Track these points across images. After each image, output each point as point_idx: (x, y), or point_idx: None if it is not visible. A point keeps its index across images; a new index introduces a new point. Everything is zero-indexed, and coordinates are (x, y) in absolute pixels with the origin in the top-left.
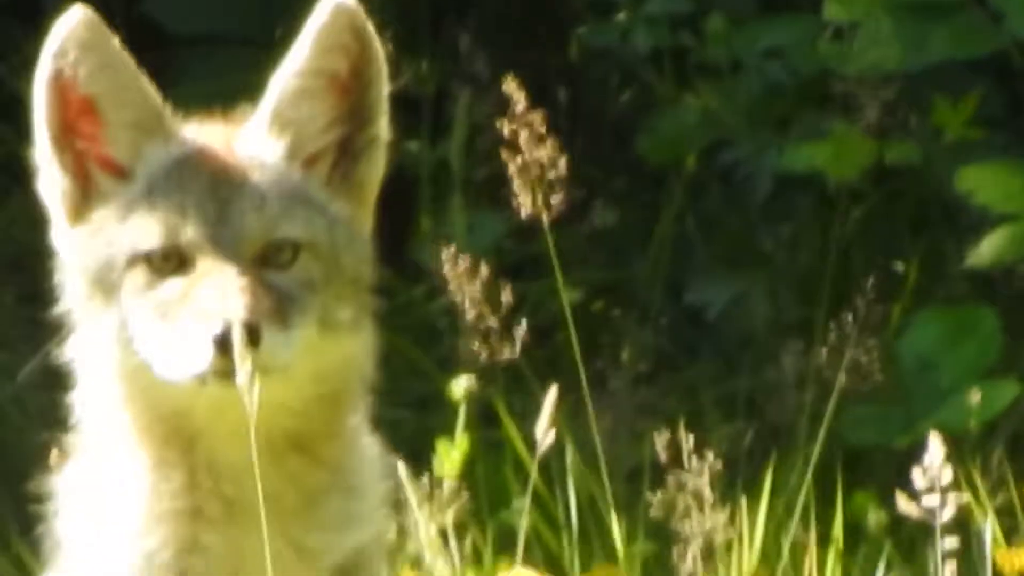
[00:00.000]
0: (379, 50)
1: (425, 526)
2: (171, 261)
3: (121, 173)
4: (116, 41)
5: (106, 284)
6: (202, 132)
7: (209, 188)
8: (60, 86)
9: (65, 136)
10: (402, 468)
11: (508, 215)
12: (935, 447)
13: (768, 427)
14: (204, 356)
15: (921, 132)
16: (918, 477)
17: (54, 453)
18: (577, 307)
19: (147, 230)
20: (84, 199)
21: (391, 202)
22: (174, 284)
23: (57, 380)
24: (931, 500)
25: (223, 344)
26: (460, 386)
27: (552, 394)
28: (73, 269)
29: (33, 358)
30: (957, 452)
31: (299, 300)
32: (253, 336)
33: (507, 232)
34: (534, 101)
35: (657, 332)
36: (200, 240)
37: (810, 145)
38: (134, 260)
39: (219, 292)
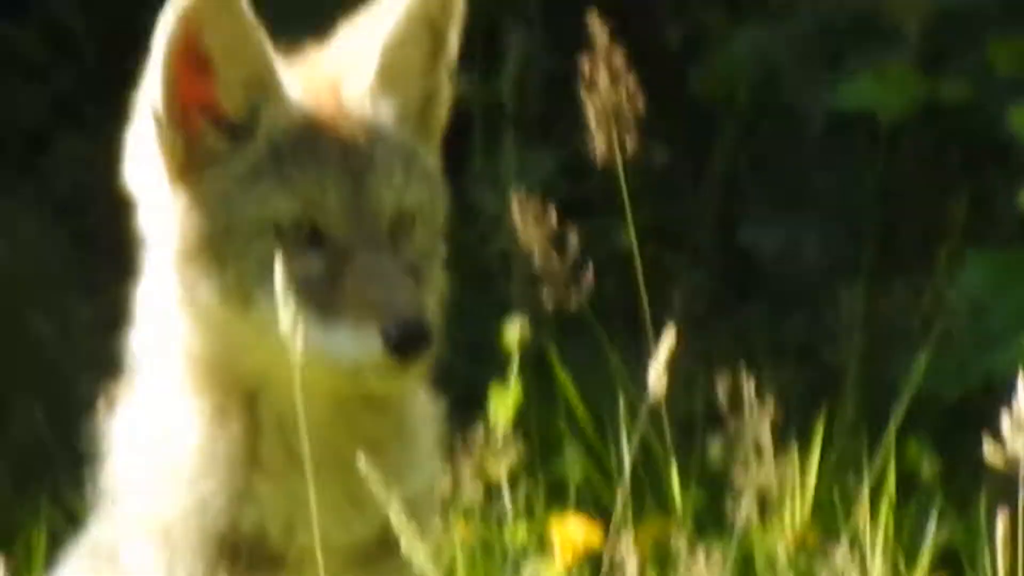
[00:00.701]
0: None
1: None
2: (303, 232)
3: (235, 132)
4: None
5: (220, 247)
6: (308, 88)
7: (341, 159)
8: (184, 37)
9: (180, 89)
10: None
11: (561, 153)
12: (1022, 387)
13: (821, 371)
14: (371, 349)
15: (973, 69)
16: (1005, 421)
17: (104, 399)
18: (627, 251)
19: (280, 200)
20: (190, 157)
21: (445, 141)
22: (314, 260)
23: (109, 325)
24: (1019, 443)
25: (396, 341)
26: (513, 333)
27: (669, 335)
28: (171, 225)
29: (85, 301)
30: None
31: (423, 274)
32: (428, 336)
33: (558, 170)
34: (580, 36)
35: (709, 274)
36: (339, 215)
37: (862, 81)
38: (262, 228)
39: (381, 283)
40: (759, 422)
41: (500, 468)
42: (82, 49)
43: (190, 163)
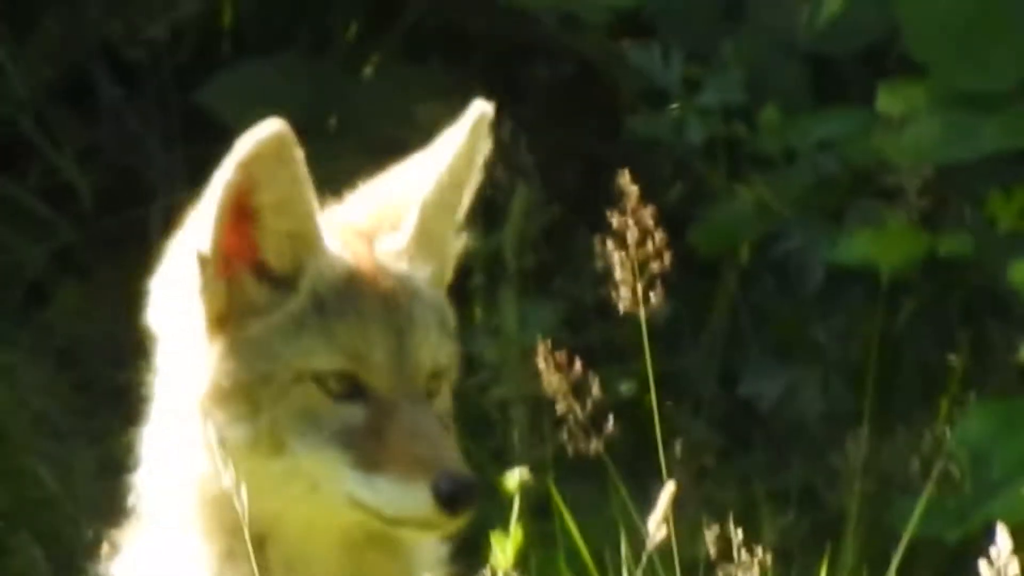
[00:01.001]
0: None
1: None
2: (344, 384)
3: (278, 283)
4: (300, 154)
5: (256, 393)
6: (344, 241)
7: (384, 314)
8: (241, 187)
9: (227, 237)
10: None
11: (560, 304)
12: (1003, 538)
13: (822, 518)
14: (422, 504)
15: (974, 224)
16: (984, 569)
17: (106, 544)
18: (629, 399)
19: (324, 352)
20: (230, 304)
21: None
22: (355, 411)
23: (109, 470)
24: None
25: (447, 496)
26: (514, 478)
27: (668, 488)
28: (202, 369)
29: (85, 448)
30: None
31: (448, 427)
32: (475, 490)
33: (558, 322)
34: (584, 189)
35: (711, 424)
36: (382, 370)
37: (862, 237)
38: (302, 378)
39: (427, 438)
40: (748, 568)
41: None
42: (81, 202)
43: (229, 311)
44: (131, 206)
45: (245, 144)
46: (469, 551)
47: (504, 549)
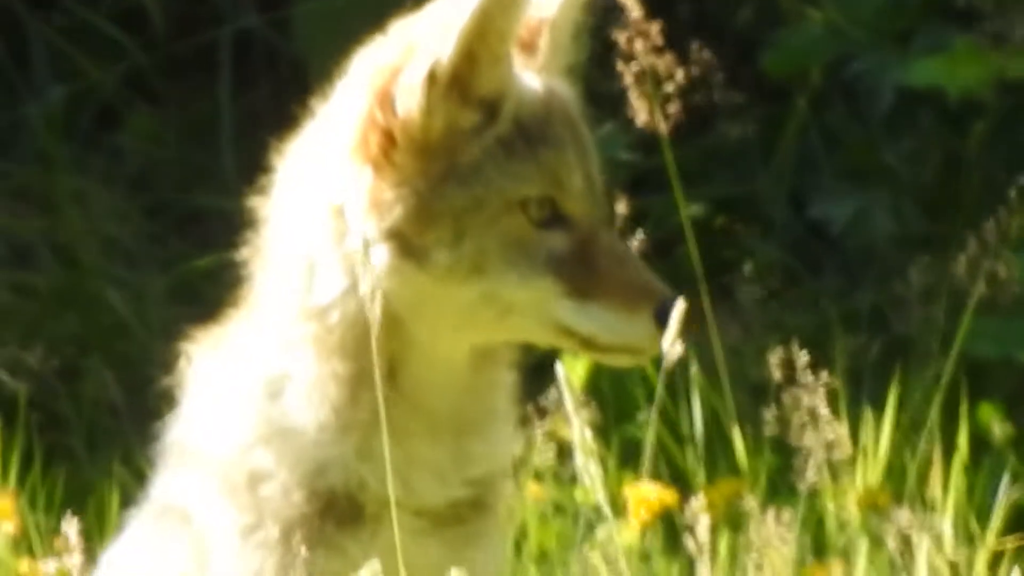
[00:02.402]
0: None
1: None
2: (545, 211)
3: (482, 107)
4: None
5: (463, 221)
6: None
7: (573, 140)
8: (487, 17)
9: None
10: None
11: (628, 127)
12: None
13: (893, 341)
14: (646, 332)
15: None
16: None
17: (183, 359)
18: (700, 222)
19: (532, 176)
20: (446, 127)
21: None
22: (558, 238)
23: (181, 295)
24: None
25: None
26: None
27: (679, 305)
28: (400, 192)
29: (156, 272)
30: None
31: None
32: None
33: (629, 144)
34: (655, 13)
35: (781, 247)
36: (580, 196)
37: (932, 59)
38: (510, 204)
39: (636, 266)
40: (813, 391)
41: (572, 430)
42: (152, 27)
43: (440, 134)
44: (201, 31)
45: None
46: (540, 373)
47: (574, 371)
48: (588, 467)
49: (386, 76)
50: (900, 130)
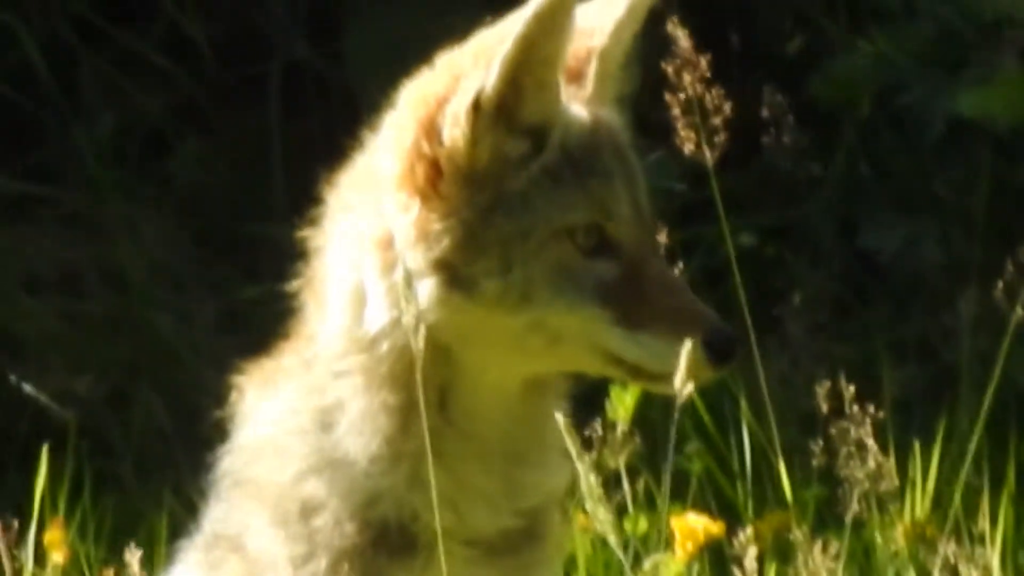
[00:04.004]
0: None
1: (586, 473)
2: (592, 239)
3: (529, 136)
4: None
5: (510, 250)
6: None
7: (620, 167)
8: (533, 39)
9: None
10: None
11: (678, 157)
12: None
13: (942, 371)
14: (694, 359)
15: None
16: None
17: (236, 387)
18: (750, 251)
19: (580, 205)
20: (491, 155)
21: None
22: (606, 266)
23: (230, 322)
24: None
25: (717, 350)
26: None
27: (687, 345)
28: (447, 222)
29: (205, 299)
30: None
31: None
32: (739, 341)
33: (680, 173)
34: (705, 44)
35: (830, 276)
36: (629, 223)
37: (982, 89)
38: (557, 233)
39: (685, 293)
40: (859, 423)
41: (619, 459)
42: (202, 56)
43: (486, 163)
44: (251, 61)
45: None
46: (588, 404)
47: (622, 402)
48: (597, 512)
49: (432, 106)
50: (950, 159)
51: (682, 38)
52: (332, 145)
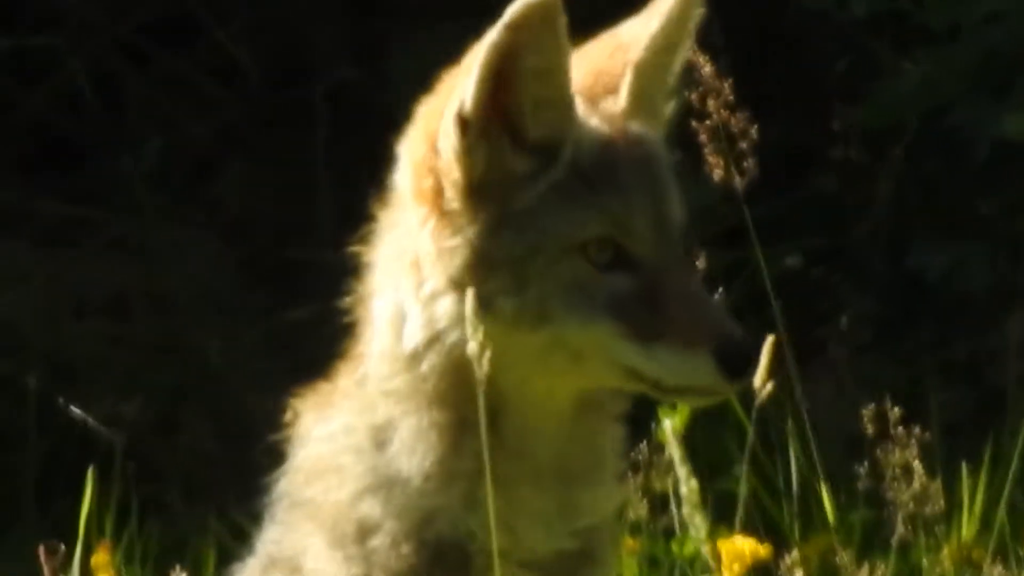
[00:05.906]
0: None
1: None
2: (607, 253)
3: (536, 152)
4: (565, 21)
5: (523, 268)
6: (589, 108)
7: (640, 180)
8: (504, 55)
9: (490, 104)
10: None
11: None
12: None
13: (989, 394)
14: (705, 372)
15: None
16: None
17: (290, 413)
18: (796, 273)
19: (592, 221)
20: (488, 173)
21: None
22: (622, 280)
23: (276, 346)
24: None
25: (730, 363)
26: None
27: (768, 344)
28: (462, 240)
29: (251, 323)
30: None
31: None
32: (755, 355)
33: (724, 196)
34: (750, 68)
35: (877, 298)
36: (646, 237)
37: None
38: (569, 248)
39: (701, 305)
40: (905, 446)
41: (667, 482)
42: (247, 80)
43: (487, 179)
44: (295, 85)
45: (515, 8)
46: (637, 426)
47: (672, 421)
48: (693, 518)
49: (436, 119)
50: (996, 181)
51: (705, 65)
52: (377, 168)
